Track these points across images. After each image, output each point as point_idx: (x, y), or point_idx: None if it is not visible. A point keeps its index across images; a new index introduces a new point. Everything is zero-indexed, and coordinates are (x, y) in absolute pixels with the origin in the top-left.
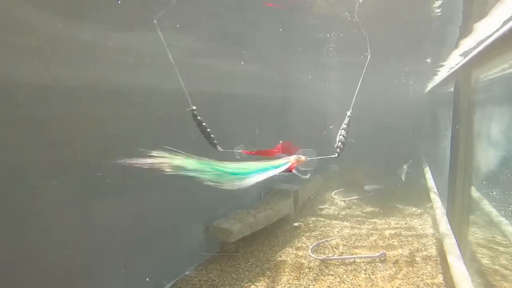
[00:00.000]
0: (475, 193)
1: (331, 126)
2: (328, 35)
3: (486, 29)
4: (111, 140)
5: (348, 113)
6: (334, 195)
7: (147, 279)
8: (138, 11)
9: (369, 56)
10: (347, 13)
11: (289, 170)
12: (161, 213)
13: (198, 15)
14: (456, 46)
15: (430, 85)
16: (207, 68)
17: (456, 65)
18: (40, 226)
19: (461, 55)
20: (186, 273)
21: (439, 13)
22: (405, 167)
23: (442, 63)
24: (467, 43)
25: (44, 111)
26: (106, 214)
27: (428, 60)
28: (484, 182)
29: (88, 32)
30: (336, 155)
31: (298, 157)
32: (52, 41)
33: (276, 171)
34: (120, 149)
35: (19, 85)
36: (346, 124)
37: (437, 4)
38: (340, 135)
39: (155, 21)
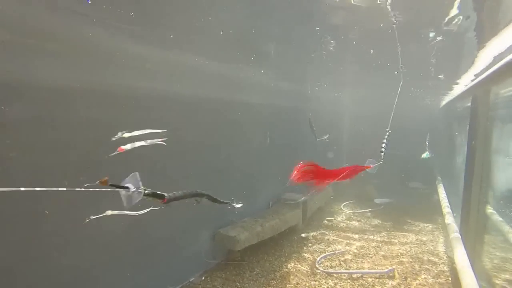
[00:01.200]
0: (491, 212)
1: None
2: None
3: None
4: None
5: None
6: (343, 207)
7: None
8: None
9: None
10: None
11: None
12: (168, 219)
13: (215, 22)
14: (473, 61)
15: (446, 99)
16: (220, 75)
17: (475, 79)
18: (49, 227)
19: (478, 72)
20: (191, 280)
21: (455, 28)
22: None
23: (458, 79)
24: (486, 58)
25: (59, 113)
26: (114, 218)
27: (441, 76)
28: (502, 201)
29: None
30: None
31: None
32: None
33: None
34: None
35: (38, 87)
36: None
37: (452, 15)
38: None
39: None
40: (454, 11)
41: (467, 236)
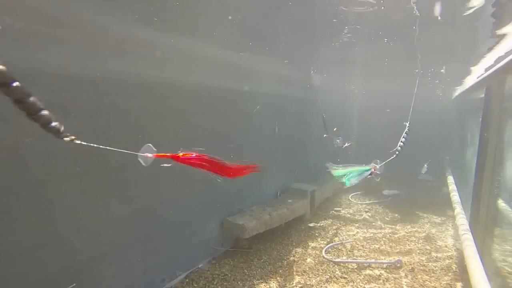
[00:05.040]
0: (503, 206)
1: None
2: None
3: None
4: (131, 131)
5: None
6: (351, 198)
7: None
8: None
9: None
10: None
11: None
12: (178, 206)
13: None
14: (488, 51)
15: (458, 91)
16: (229, 64)
17: (488, 70)
18: (63, 212)
19: (492, 62)
20: (200, 266)
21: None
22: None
23: (471, 69)
24: (500, 48)
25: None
26: (126, 205)
27: (443, 70)
28: None
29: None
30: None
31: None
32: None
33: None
34: (138, 141)
35: (51, 75)
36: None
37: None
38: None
39: None
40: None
41: (477, 229)
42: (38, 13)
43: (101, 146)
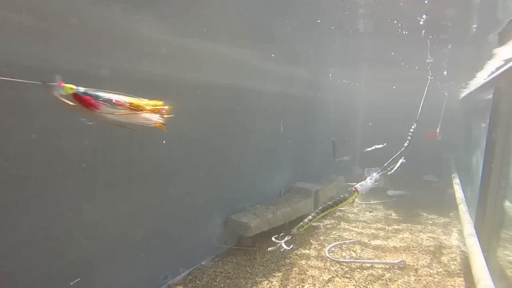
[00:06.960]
0: (510, 208)
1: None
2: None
3: None
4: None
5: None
6: (355, 198)
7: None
8: None
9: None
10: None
11: None
12: (182, 203)
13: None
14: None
15: (466, 91)
16: (235, 62)
17: (497, 70)
18: (70, 208)
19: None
20: (203, 263)
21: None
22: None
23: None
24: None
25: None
26: (130, 202)
27: (445, 72)
28: None
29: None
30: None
31: None
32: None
33: None
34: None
35: (57, 71)
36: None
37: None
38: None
39: None
40: None
41: (483, 231)
42: (45, 10)
43: None
